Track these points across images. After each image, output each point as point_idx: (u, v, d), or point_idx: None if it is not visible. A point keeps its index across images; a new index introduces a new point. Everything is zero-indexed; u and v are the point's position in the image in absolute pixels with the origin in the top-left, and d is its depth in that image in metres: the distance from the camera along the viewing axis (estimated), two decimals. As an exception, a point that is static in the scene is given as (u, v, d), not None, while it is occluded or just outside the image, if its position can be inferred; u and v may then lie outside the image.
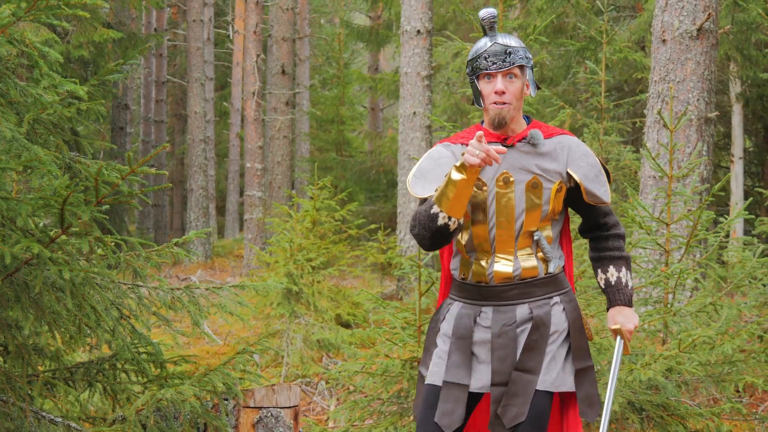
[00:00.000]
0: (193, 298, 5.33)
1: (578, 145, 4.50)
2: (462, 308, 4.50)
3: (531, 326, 4.38)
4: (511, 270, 4.38)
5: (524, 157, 4.36)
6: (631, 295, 4.56)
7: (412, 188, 4.47)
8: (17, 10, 3.80)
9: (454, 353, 4.42)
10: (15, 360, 4.74)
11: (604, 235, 4.62)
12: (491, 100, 4.32)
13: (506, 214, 4.35)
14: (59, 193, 4.18)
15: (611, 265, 4.58)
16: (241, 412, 5.28)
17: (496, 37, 4.36)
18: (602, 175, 4.51)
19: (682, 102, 10.20)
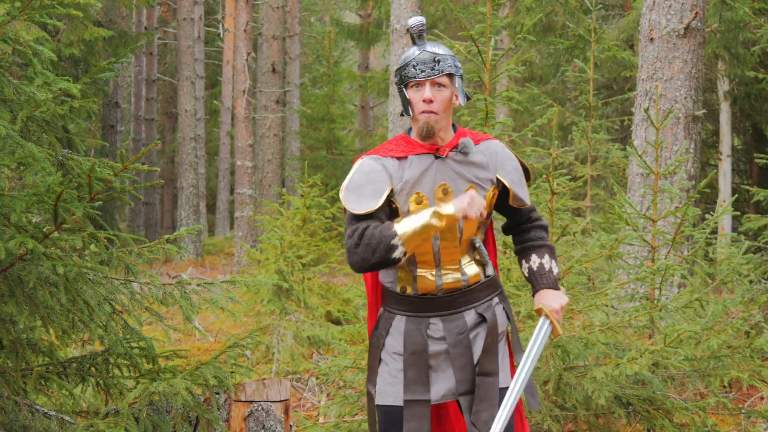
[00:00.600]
0: (184, 293, 5.37)
1: (503, 150, 4.51)
2: (408, 322, 4.43)
3: (486, 330, 4.40)
4: (459, 279, 4.39)
5: (458, 167, 4.34)
6: (555, 279, 4.52)
7: (346, 202, 4.35)
8: (12, 9, 3.86)
9: (409, 370, 4.38)
10: (9, 354, 4.79)
11: (527, 227, 4.64)
12: (420, 108, 4.27)
13: (449, 226, 4.29)
14: (53, 189, 4.23)
15: (533, 254, 4.57)
16: (233, 406, 5.34)
17: (424, 45, 4.32)
18: (523, 178, 4.54)
19: (670, 100, 10.28)
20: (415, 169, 4.30)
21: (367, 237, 4.20)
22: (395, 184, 4.31)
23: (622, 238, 6.84)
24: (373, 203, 4.28)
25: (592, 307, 6.63)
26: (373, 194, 4.30)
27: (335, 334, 10.44)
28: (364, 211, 4.28)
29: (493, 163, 4.41)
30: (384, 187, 4.30)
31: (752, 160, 17.60)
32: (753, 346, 6.73)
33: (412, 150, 4.34)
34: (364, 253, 4.20)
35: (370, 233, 4.20)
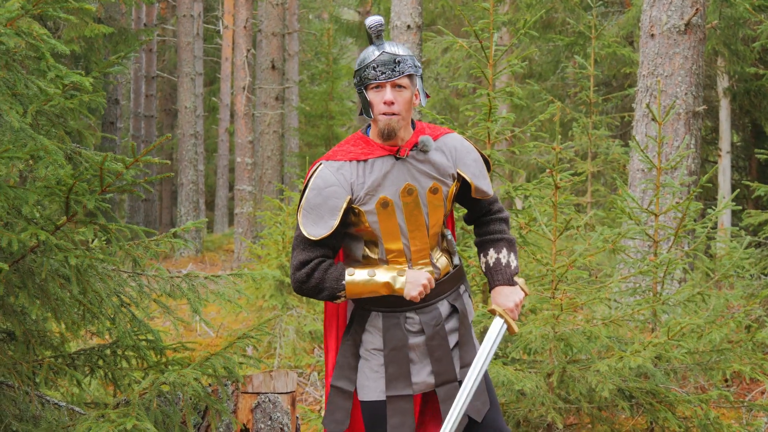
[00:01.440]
0: (192, 286, 5.41)
1: (462, 143, 4.50)
2: (385, 319, 4.44)
3: (459, 321, 4.47)
4: (432, 272, 4.42)
5: (419, 165, 4.33)
6: (512, 274, 4.49)
7: (303, 227, 4.33)
8: (26, 4, 3.90)
9: (390, 365, 4.40)
10: (20, 346, 4.84)
11: (486, 219, 4.62)
12: (380, 110, 4.23)
13: (417, 224, 4.35)
14: (64, 182, 4.28)
15: (491, 248, 4.55)
16: (240, 398, 5.38)
17: (383, 46, 4.27)
18: (484, 169, 4.53)
19: (670, 96, 10.32)
20: (376, 173, 4.28)
21: (315, 279, 4.29)
22: (355, 191, 4.29)
23: (625, 232, 6.88)
24: (327, 227, 4.27)
25: (596, 301, 6.67)
26: (329, 214, 4.27)
27: (337, 329, 10.47)
28: (320, 237, 4.28)
29: (452, 158, 4.42)
30: (339, 204, 4.26)
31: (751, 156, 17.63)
32: (754, 340, 6.78)
33: (372, 152, 4.31)
34: (310, 292, 4.31)
35: (320, 276, 4.28)
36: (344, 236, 4.42)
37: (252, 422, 5.37)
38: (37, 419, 4.84)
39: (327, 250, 4.34)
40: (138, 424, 4.39)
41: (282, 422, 5.41)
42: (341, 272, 4.27)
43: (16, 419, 4.79)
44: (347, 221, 4.33)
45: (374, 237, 4.36)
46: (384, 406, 4.39)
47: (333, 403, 4.52)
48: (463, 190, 4.53)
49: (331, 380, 4.57)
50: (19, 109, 4.19)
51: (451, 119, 7.60)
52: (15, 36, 3.96)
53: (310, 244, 4.32)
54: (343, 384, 4.50)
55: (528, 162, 16.27)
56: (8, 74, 4.15)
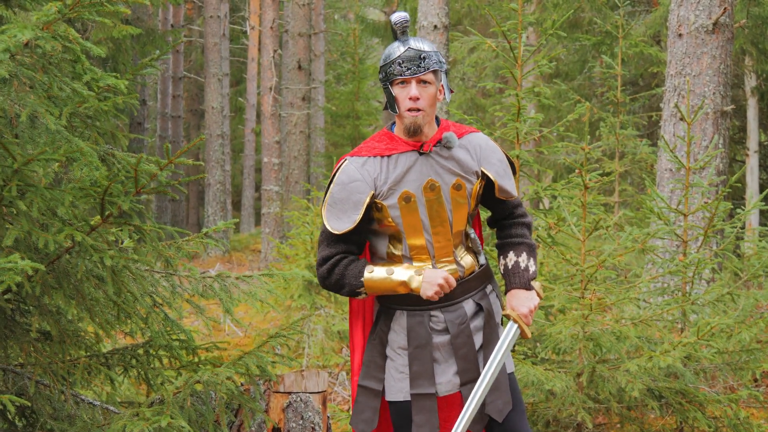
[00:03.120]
0: (224, 286, 5.45)
1: (487, 142, 4.50)
2: (410, 317, 4.46)
3: (484, 320, 4.47)
4: (456, 270, 4.43)
5: (443, 161, 4.36)
6: (529, 278, 4.48)
7: (327, 222, 4.39)
8: (62, 8, 3.94)
9: (414, 364, 4.41)
10: (56, 346, 4.89)
11: (509, 222, 4.61)
12: (406, 106, 4.27)
13: (440, 220, 4.37)
14: (99, 183, 4.32)
15: (511, 251, 4.53)
16: (272, 397, 5.41)
17: (408, 42, 4.30)
18: (509, 169, 4.54)
19: (698, 95, 10.31)
20: (400, 168, 4.32)
21: (336, 274, 4.35)
22: (378, 186, 4.34)
23: (654, 232, 6.88)
24: (350, 221, 4.33)
25: (625, 301, 6.67)
26: (352, 209, 4.33)
27: (365, 329, 10.50)
28: (344, 231, 4.34)
29: (477, 156, 4.43)
30: (362, 199, 4.32)
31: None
32: (785, 340, 6.78)
33: (396, 147, 4.35)
34: (333, 287, 4.38)
35: (341, 272, 4.35)
36: (368, 232, 4.47)
37: (284, 421, 5.40)
38: (72, 418, 4.89)
39: (351, 246, 4.40)
40: (172, 422, 4.43)
41: (313, 422, 5.45)
42: (361, 269, 4.32)
43: (52, 418, 4.84)
44: (370, 216, 4.39)
45: (397, 233, 4.39)
46: (410, 407, 4.41)
47: (361, 403, 4.55)
48: (486, 190, 4.54)
49: (358, 379, 4.60)
50: (54, 111, 4.24)
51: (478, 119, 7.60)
52: (52, 39, 4.01)
53: (334, 239, 4.39)
54: (370, 383, 4.52)
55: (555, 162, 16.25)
56: (44, 77, 4.19)
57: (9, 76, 3.99)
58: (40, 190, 4.20)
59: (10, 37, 3.86)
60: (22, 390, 4.81)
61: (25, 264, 3.85)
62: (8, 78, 4.04)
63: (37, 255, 4.54)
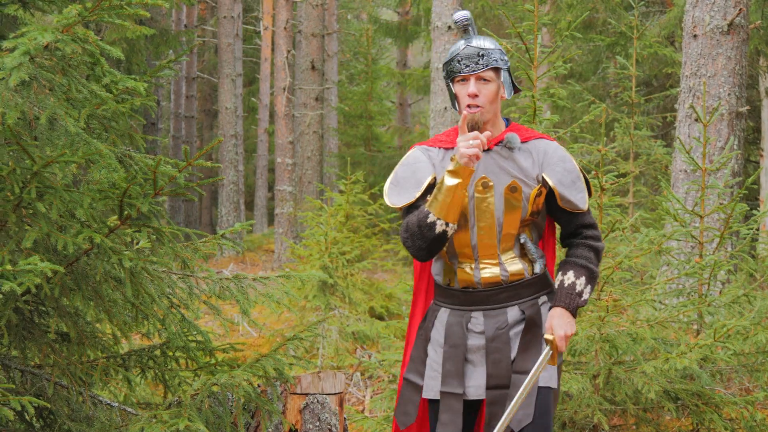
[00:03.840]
0: (241, 288, 5.46)
1: (555, 150, 4.44)
2: (450, 315, 4.47)
3: (524, 327, 4.38)
4: (498, 274, 4.37)
5: (502, 161, 4.34)
6: (578, 304, 4.35)
7: (387, 198, 4.47)
8: (83, 11, 3.96)
9: (447, 362, 4.40)
10: (74, 347, 4.91)
11: (576, 242, 4.50)
12: (465, 103, 4.28)
13: (487, 219, 4.33)
14: (118, 185, 4.34)
15: (571, 270, 4.40)
16: (289, 398, 5.43)
17: (470, 40, 4.31)
18: (580, 182, 4.44)
19: (714, 97, 10.29)
20: None
21: (409, 226, 4.29)
22: (438, 173, 4.37)
23: (670, 234, 6.88)
24: (411, 194, 4.39)
25: (642, 302, 6.67)
26: (413, 185, 4.39)
27: (380, 330, 10.52)
28: (402, 204, 4.40)
29: (539, 162, 4.37)
30: (425, 177, 4.38)
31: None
32: (801, 342, 6.77)
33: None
34: (415, 241, 4.28)
35: (410, 221, 4.29)
36: None
37: (301, 423, 5.41)
38: (90, 419, 4.91)
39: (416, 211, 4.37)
40: (190, 425, 4.44)
41: (330, 423, 5.46)
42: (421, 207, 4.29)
43: (70, 419, 4.86)
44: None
45: None
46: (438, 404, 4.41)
47: (403, 396, 4.57)
48: (551, 200, 4.46)
49: (404, 372, 4.63)
50: (74, 113, 4.25)
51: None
52: (72, 42, 4.02)
53: (404, 212, 4.44)
54: (413, 377, 4.55)
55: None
56: (64, 79, 4.21)
57: (29, 78, 4.01)
58: (59, 192, 4.22)
59: (30, 40, 3.88)
60: (41, 391, 4.83)
61: (44, 266, 3.87)
62: (28, 80, 4.05)
63: (55, 257, 4.56)
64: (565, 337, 4.28)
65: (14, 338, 4.82)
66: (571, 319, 4.32)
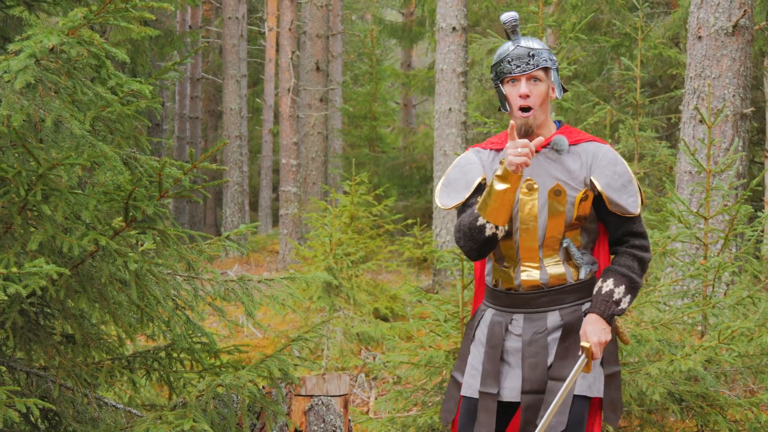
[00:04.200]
0: (246, 289, 5.47)
1: (606, 153, 4.38)
2: (494, 315, 4.47)
3: (561, 333, 4.34)
4: (538, 278, 4.35)
5: (548, 164, 4.31)
6: (614, 312, 4.26)
7: (438, 199, 4.50)
8: (88, 14, 3.97)
9: (486, 362, 4.41)
10: (79, 349, 4.92)
11: (621, 250, 4.41)
12: (517, 104, 4.27)
13: (529, 222, 4.30)
14: (124, 187, 4.35)
15: (611, 278, 4.31)
16: (293, 400, 5.43)
17: (519, 40, 4.30)
18: (632, 186, 4.35)
19: (718, 98, 10.28)
20: None
21: (461, 227, 4.32)
22: (488, 174, 4.39)
23: (675, 235, 6.88)
24: (461, 196, 4.42)
25: (646, 304, 6.67)
26: (463, 187, 4.43)
27: (385, 331, 10.53)
28: (451, 206, 4.44)
29: (587, 164, 4.32)
30: (475, 178, 4.41)
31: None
32: (805, 344, 6.76)
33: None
34: (466, 242, 4.31)
35: (462, 222, 4.32)
36: None
37: (305, 425, 5.42)
38: (96, 421, 4.92)
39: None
40: (195, 426, 4.45)
41: (335, 425, 5.46)
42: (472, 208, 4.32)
43: (75, 421, 4.87)
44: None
45: None
46: (475, 405, 4.41)
47: (448, 392, 4.61)
48: (600, 205, 4.39)
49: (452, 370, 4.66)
50: (79, 116, 4.26)
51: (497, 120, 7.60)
52: (77, 45, 4.03)
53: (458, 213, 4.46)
54: (456, 374, 4.58)
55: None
56: (69, 82, 4.22)
57: (34, 81, 4.02)
58: (64, 194, 4.22)
59: (36, 43, 3.89)
60: (46, 393, 4.84)
61: (50, 268, 3.88)
62: (33, 83, 4.06)
63: (61, 259, 4.57)
64: (599, 344, 4.21)
65: (20, 340, 4.83)
66: (605, 325, 4.24)
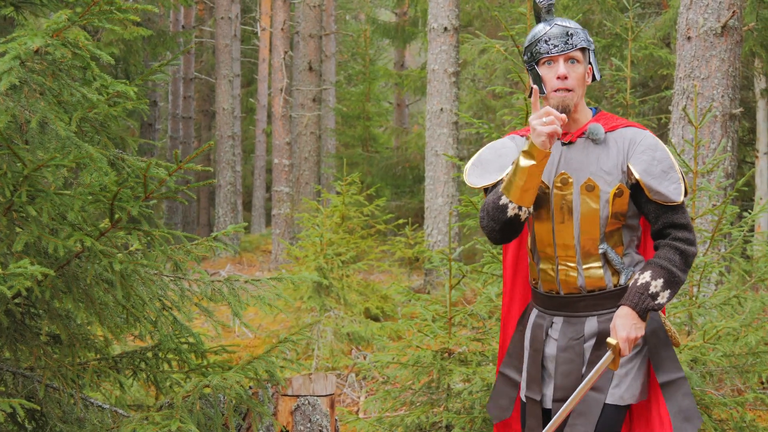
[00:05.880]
0: (233, 290, 5.48)
1: (645, 138, 4.13)
2: (537, 317, 4.32)
3: (596, 341, 4.12)
4: (575, 278, 4.15)
5: (583, 155, 4.11)
6: (649, 306, 3.96)
7: (467, 177, 4.31)
8: (72, 15, 3.98)
9: (530, 366, 4.28)
10: (66, 349, 4.93)
11: (663, 243, 4.10)
12: (553, 86, 4.05)
13: (565, 217, 4.12)
14: (109, 188, 4.37)
15: (649, 270, 4.01)
16: (280, 400, 5.44)
17: (554, 20, 4.09)
18: (674, 172, 4.07)
19: (707, 98, 10.31)
20: None
21: (486, 206, 4.11)
22: None
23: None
24: (492, 177, 4.23)
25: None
26: (496, 169, 4.24)
27: (375, 331, 10.55)
28: (480, 186, 4.25)
29: (624, 150, 4.10)
30: (508, 163, 4.20)
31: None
32: (790, 343, 6.78)
33: None
34: (489, 222, 4.10)
35: (487, 201, 4.11)
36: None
37: (292, 425, 5.43)
38: (82, 421, 4.93)
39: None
40: (182, 426, 4.46)
41: (321, 425, 5.47)
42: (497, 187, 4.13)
43: (61, 421, 4.88)
44: None
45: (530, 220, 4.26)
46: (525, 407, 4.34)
47: (498, 390, 4.49)
48: (639, 195, 4.14)
49: (500, 366, 4.52)
50: (65, 117, 4.28)
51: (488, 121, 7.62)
52: (62, 46, 4.05)
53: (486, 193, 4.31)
54: (510, 372, 4.45)
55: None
56: (54, 83, 4.24)
57: (19, 82, 4.03)
58: (50, 195, 4.24)
59: (20, 45, 3.90)
60: (32, 393, 4.85)
61: (35, 269, 3.89)
62: (18, 85, 4.07)
63: (46, 260, 4.58)
64: (628, 339, 3.96)
65: (6, 341, 4.84)
66: (637, 320, 3.97)
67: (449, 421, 6.28)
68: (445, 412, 6.39)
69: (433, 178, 15.26)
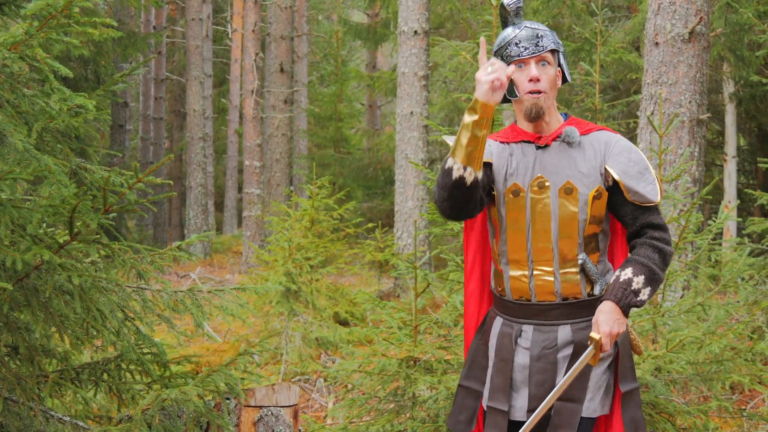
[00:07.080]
0: (195, 300, 5.46)
1: (619, 141, 4.12)
2: (503, 326, 4.24)
3: (572, 352, 4.08)
4: (552, 283, 4.10)
5: (559, 158, 4.08)
6: (632, 302, 3.95)
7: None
8: (30, 28, 3.97)
9: (496, 376, 4.20)
10: (25, 361, 4.90)
11: (641, 242, 4.10)
12: (526, 88, 4.02)
13: (542, 222, 4.07)
14: (68, 201, 4.35)
15: (630, 267, 4.00)
16: (243, 411, 5.43)
17: (523, 23, 4.08)
18: (649, 174, 4.08)
19: (674, 104, 10.35)
20: (514, 158, 4.11)
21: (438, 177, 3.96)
22: (496, 162, 4.13)
23: (625, 244, 6.91)
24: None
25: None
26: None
27: (343, 336, 10.54)
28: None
29: (601, 154, 4.08)
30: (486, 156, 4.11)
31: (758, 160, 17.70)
32: (754, 351, 6.80)
33: (516, 137, 4.14)
34: (439, 191, 3.93)
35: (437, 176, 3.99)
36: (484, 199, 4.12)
37: (255, 435, 5.43)
38: (42, 433, 4.91)
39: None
40: (140, 440, 4.45)
41: (284, 435, 5.47)
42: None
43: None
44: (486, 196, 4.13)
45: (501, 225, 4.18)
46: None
47: (459, 404, 4.39)
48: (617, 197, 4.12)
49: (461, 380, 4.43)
50: (23, 130, 4.26)
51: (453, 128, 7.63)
52: (19, 59, 4.03)
53: None
54: (471, 384, 4.36)
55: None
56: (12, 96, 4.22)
57: (-24, 96, 4.01)
58: (7, 208, 4.22)
59: (-24, 59, 3.89)
60: (-8, 406, 4.83)
61: (-8, 284, 3.87)
62: (-25, 98, 4.06)
63: (5, 273, 4.56)
64: (611, 334, 3.94)
65: (-36, 353, 4.81)
66: (620, 315, 3.94)
67: (414, 429, 6.27)
68: (411, 421, 6.39)
69: (404, 181, 15.27)
